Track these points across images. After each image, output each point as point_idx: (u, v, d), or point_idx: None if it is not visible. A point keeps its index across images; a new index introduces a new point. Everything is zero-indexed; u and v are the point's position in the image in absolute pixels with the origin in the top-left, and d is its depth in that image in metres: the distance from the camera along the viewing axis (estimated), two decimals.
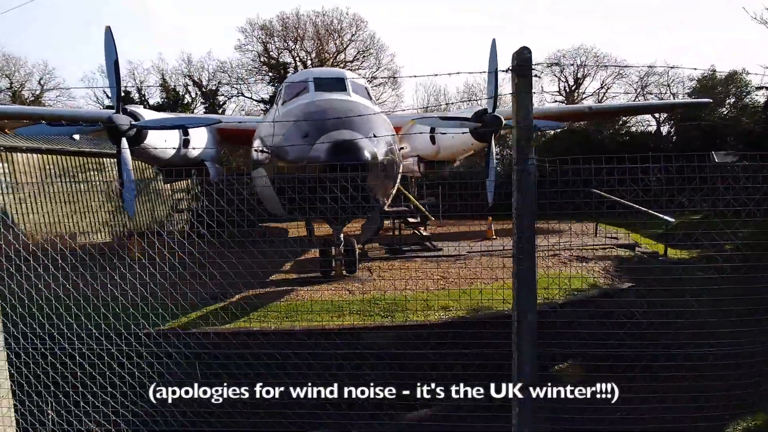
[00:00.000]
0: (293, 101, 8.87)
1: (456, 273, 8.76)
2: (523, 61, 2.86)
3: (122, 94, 8.93)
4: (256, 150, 8.73)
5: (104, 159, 17.04)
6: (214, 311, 6.44)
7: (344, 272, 8.95)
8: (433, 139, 14.66)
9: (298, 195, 6.63)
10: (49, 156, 15.13)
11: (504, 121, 11.36)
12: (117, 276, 5.03)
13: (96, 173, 17.06)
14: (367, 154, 6.85)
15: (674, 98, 29.52)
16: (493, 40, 10.38)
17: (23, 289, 4.48)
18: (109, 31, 8.60)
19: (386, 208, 9.93)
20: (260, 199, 9.17)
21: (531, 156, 2.89)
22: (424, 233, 11.62)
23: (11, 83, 30.52)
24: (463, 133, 12.40)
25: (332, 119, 7.31)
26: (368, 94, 9.57)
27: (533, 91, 2.89)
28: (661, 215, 13.43)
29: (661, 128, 29.80)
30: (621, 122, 29.25)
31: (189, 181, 15.96)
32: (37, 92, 31.12)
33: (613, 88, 36.56)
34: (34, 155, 14.55)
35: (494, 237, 13.23)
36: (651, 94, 33.16)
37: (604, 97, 34.92)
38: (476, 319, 6.56)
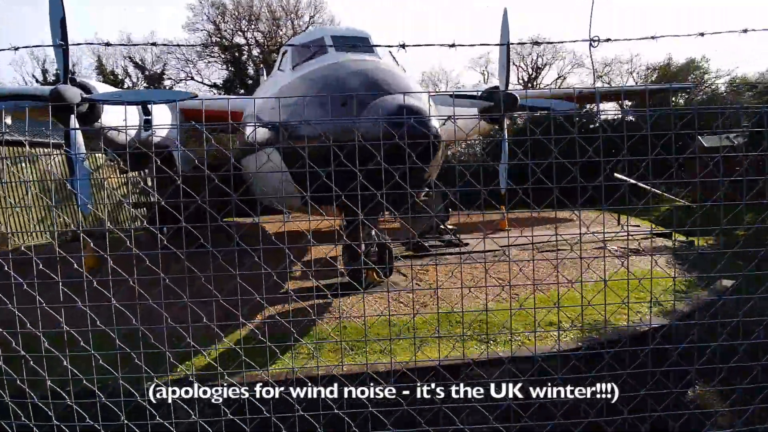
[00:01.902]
0: (307, 64, 7.01)
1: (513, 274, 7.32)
2: None
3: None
4: (264, 126, 6.83)
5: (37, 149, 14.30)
6: (240, 344, 4.59)
7: (376, 276, 7.26)
8: None
9: (348, 176, 4.88)
10: None
11: (519, 100, 10.07)
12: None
13: (30, 166, 14.25)
14: (435, 123, 5.22)
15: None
16: (505, 10, 9.04)
17: None
18: None
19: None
20: (263, 189, 7.32)
21: None
22: (449, 226, 10.11)
23: None
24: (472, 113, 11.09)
25: (377, 81, 5.62)
26: (394, 58, 7.84)
27: None
28: (678, 199, 12.74)
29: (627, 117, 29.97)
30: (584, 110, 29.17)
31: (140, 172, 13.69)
32: None
33: (570, 78, 36.89)
34: None
35: (508, 228, 11.92)
36: (608, 84, 33.42)
37: (561, 87, 35.01)
38: None
